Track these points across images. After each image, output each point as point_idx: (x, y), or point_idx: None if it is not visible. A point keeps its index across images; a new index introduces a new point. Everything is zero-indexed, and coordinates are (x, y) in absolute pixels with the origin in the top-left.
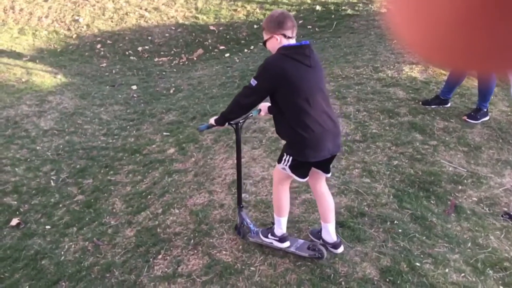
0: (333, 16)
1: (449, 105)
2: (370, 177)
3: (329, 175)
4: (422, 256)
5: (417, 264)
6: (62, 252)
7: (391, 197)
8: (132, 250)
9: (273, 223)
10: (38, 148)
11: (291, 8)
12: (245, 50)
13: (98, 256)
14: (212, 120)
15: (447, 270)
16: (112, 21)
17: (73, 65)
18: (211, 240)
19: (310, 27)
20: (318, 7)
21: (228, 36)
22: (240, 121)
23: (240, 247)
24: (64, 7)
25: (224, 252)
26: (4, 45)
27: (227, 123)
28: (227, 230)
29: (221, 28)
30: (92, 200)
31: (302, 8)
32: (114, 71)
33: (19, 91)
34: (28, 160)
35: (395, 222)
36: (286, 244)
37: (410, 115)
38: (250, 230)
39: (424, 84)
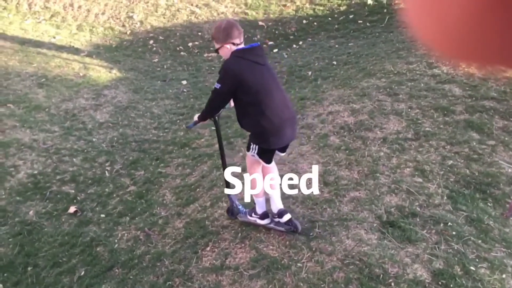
0: (385, 10)
1: None
2: (423, 176)
3: (282, 154)
4: (477, 260)
5: (472, 268)
6: (116, 240)
7: (445, 198)
8: (182, 241)
9: (255, 204)
10: (94, 139)
11: (341, 3)
12: (294, 46)
13: (149, 245)
14: (195, 117)
15: (504, 276)
16: (164, 18)
17: (127, 60)
18: (258, 235)
19: (360, 21)
20: (369, 1)
21: (276, 32)
22: (216, 115)
23: (287, 242)
24: (119, 4)
25: (271, 247)
26: (64, 41)
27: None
28: None
29: (270, 24)
30: (143, 191)
31: (353, 2)
32: (165, 66)
33: (77, 85)
34: (85, 151)
35: (449, 224)
36: (266, 220)
37: (466, 113)
38: (240, 211)
39: (482, 81)
